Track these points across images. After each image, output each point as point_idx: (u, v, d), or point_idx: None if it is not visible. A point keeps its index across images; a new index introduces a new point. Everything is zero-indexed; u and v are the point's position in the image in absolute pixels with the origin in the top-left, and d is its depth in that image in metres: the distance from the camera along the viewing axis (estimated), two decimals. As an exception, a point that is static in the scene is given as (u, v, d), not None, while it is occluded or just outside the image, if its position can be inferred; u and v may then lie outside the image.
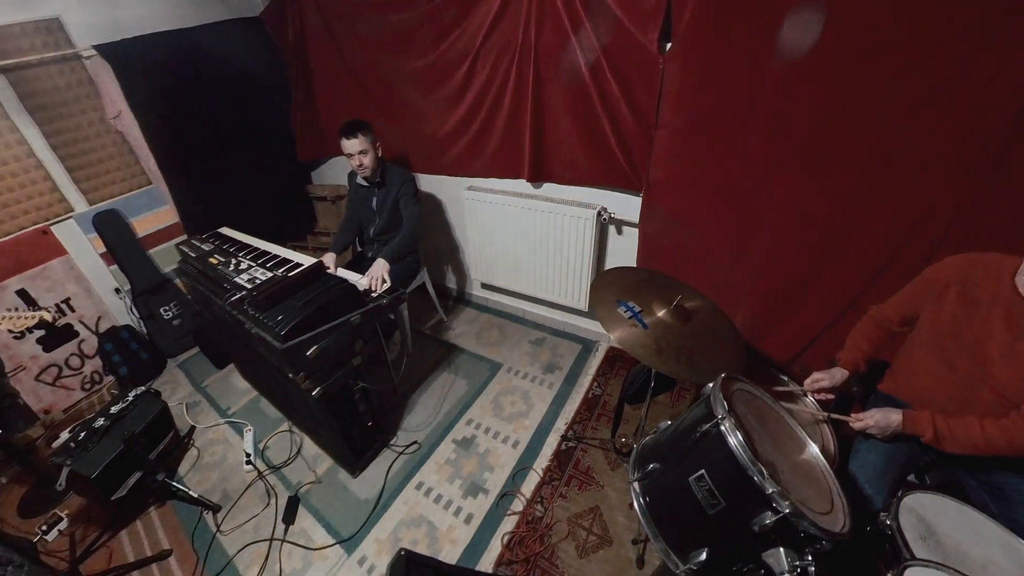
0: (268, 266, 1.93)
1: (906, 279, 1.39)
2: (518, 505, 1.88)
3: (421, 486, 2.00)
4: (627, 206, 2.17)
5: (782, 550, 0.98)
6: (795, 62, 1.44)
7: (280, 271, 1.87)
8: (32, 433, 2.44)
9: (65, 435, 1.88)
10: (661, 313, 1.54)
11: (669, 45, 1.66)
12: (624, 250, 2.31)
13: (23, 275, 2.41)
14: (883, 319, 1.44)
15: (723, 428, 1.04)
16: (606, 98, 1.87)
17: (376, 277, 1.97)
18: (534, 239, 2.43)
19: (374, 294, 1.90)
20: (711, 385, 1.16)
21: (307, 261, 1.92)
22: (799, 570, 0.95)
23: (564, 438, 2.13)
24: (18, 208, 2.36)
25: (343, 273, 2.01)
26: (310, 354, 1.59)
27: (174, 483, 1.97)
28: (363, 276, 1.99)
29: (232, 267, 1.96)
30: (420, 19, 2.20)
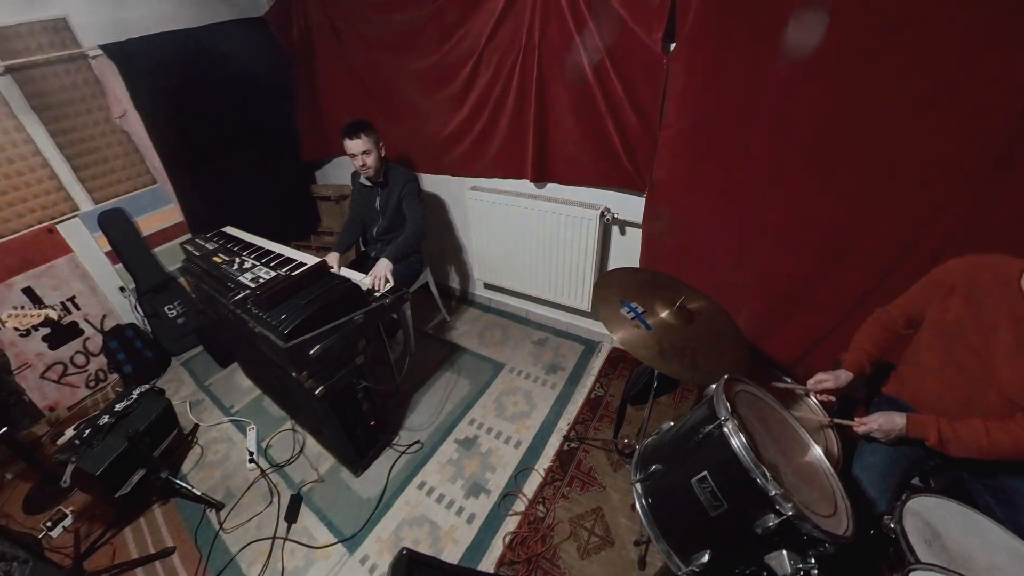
0: (272, 265, 1.94)
1: (911, 280, 1.38)
2: (520, 505, 1.88)
3: (423, 486, 2.01)
4: (630, 206, 2.16)
5: (785, 553, 0.97)
6: (799, 63, 1.44)
7: (284, 270, 1.87)
8: (37, 430, 2.46)
9: (70, 432, 1.90)
10: (664, 314, 1.54)
11: (673, 45, 1.65)
12: (627, 251, 2.31)
13: (29, 273, 2.42)
14: (888, 321, 1.43)
15: (726, 430, 1.03)
16: (610, 98, 1.87)
17: (379, 277, 1.98)
18: (537, 239, 2.43)
19: (377, 293, 1.91)
20: (714, 386, 1.16)
21: (310, 260, 1.92)
22: (802, 573, 0.95)
23: (566, 439, 2.13)
24: (24, 207, 2.38)
25: (346, 272, 2.01)
26: (313, 353, 1.59)
27: (177, 481, 1.98)
28: (366, 276, 2.00)
29: (236, 266, 1.97)
30: (424, 19, 2.21)
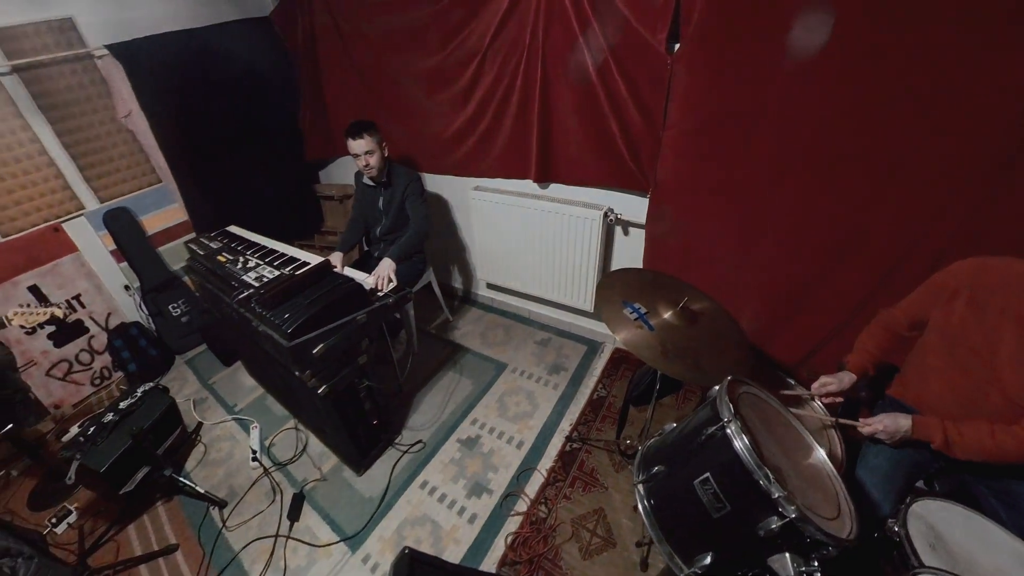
0: (275, 264, 1.95)
1: (915, 281, 1.37)
2: (522, 506, 1.88)
3: (425, 485, 2.01)
4: (634, 207, 2.16)
5: (788, 555, 0.97)
6: (803, 63, 1.44)
7: (287, 270, 1.88)
8: (42, 427, 2.47)
9: (75, 430, 1.90)
10: (667, 315, 1.54)
11: (677, 46, 1.65)
12: (630, 251, 2.30)
13: (35, 271, 2.44)
14: (892, 323, 1.42)
15: (729, 431, 1.03)
16: (614, 98, 1.86)
17: (382, 276, 1.98)
18: (540, 239, 2.43)
19: (380, 293, 1.91)
20: (717, 388, 1.16)
21: (314, 260, 1.93)
22: (805, 576, 0.94)
23: (569, 439, 2.13)
24: (30, 205, 2.39)
25: (349, 272, 2.01)
26: (316, 352, 1.60)
27: (181, 478, 1.99)
28: (369, 275, 2.00)
29: (240, 265, 1.97)
30: (428, 19, 2.21)
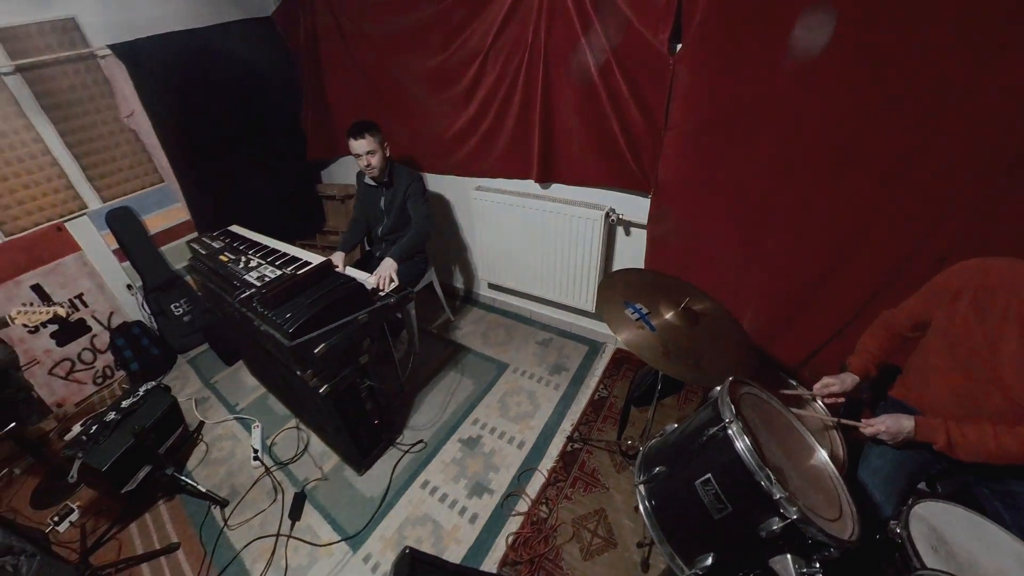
0: (277, 264, 1.95)
1: (918, 282, 1.37)
2: (523, 506, 1.88)
3: (426, 485, 2.01)
4: (635, 207, 2.16)
5: (789, 557, 0.97)
6: (807, 64, 1.43)
7: (289, 269, 1.88)
8: (45, 426, 2.48)
9: (77, 428, 1.91)
10: (669, 315, 1.53)
11: (679, 46, 1.65)
12: (632, 251, 2.30)
13: (38, 270, 2.45)
14: (894, 324, 1.42)
15: (730, 432, 1.03)
16: (615, 99, 1.86)
17: (384, 276, 1.98)
18: (542, 240, 2.43)
19: (382, 293, 1.91)
20: (718, 388, 1.15)
21: (316, 260, 1.94)
22: (806, 577, 0.94)
23: (570, 439, 2.13)
24: (33, 205, 2.40)
25: (351, 272, 2.02)
26: (318, 352, 1.60)
27: (183, 477, 2.00)
28: (371, 275, 2.00)
29: (242, 265, 1.98)
30: (430, 19, 2.21)
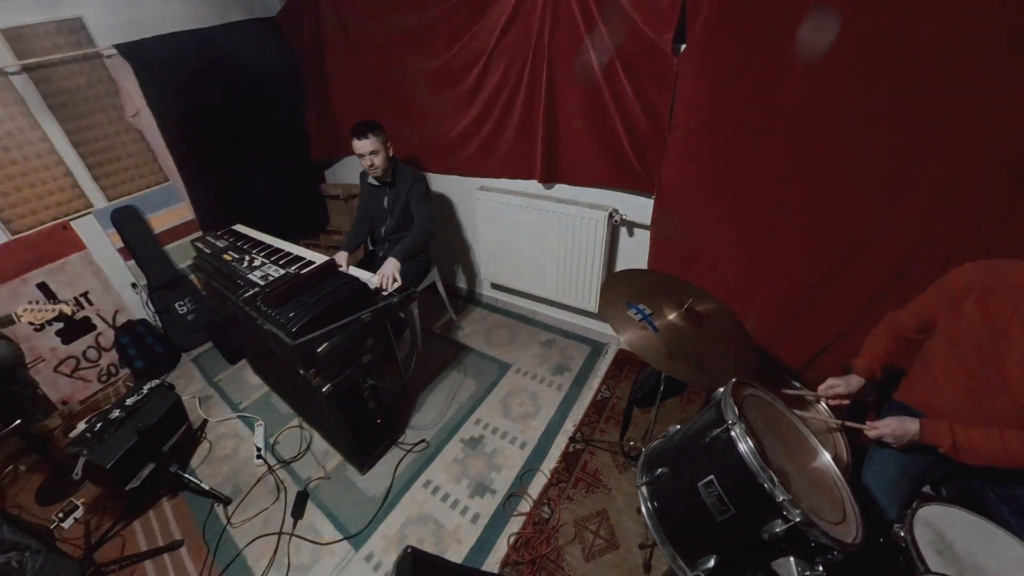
0: (281, 263, 1.96)
1: (924, 284, 1.36)
2: (525, 506, 1.88)
3: (428, 484, 2.01)
4: (639, 208, 2.15)
5: (792, 560, 0.97)
6: (813, 64, 1.42)
7: (292, 268, 1.89)
8: (50, 423, 2.49)
9: (82, 426, 1.92)
10: (672, 316, 1.53)
11: (684, 46, 1.64)
12: (635, 252, 2.30)
13: (44, 269, 2.46)
14: (900, 325, 1.41)
15: (733, 434, 1.03)
16: (619, 99, 1.86)
17: (387, 276, 1.98)
18: (545, 240, 2.43)
19: (385, 292, 1.91)
20: (722, 390, 1.15)
21: (319, 259, 1.94)
22: (810, 580, 0.94)
23: (572, 440, 2.13)
24: (39, 203, 2.42)
25: (354, 271, 2.02)
26: (321, 351, 1.60)
27: (186, 475, 2.01)
28: (374, 274, 2.01)
29: (246, 264, 1.98)
30: (435, 20, 2.21)
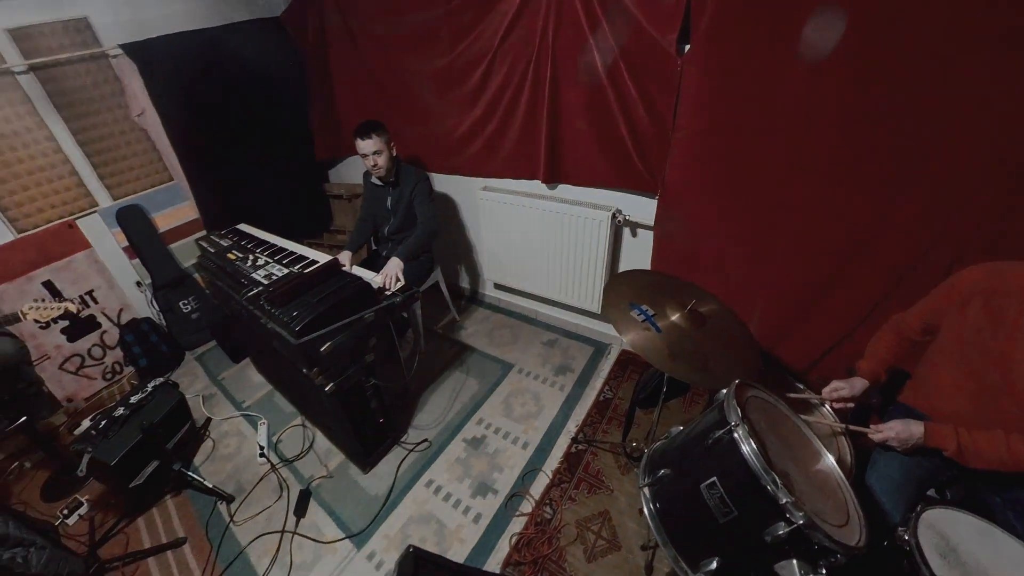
0: (284, 263, 1.96)
1: (930, 286, 1.35)
2: (527, 506, 1.88)
3: (431, 484, 2.01)
4: (642, 208, 2.15)
5: (795, 562, 0.96)
6: (818, 65, 1.42)
7: (296, 268, 1.89)
8: (55, 420, 2.51)
9: (87, 423, 1.93)
10: (675, 317, 1.53)
11: (688, 47, 1.64)
12: (638, 253, 2.29)
13: (49, 267, 2.48)
14: (904, 328, 1.40)
15: (736, 435, 1.02)
16: (623, 100, 1.86)
17: (390, 275, 1.99)
18: (548, 240, 2.43)
19: (388, 292, 1.92)
20: (725, 391, 1.15)
21: (323, 258, 1.94)
22: (812, 583, 0.94)
23: (574, 440, 2.12)
24: (45, 202, 2.43)
25: (358, 271, 2.03)
26: (324, 350, 1.60)
27: (190, 473, 2.02)
28: (377, 274, 2.01)
29: (249, 263, 1.99)
30: (439, 20, 2.21)
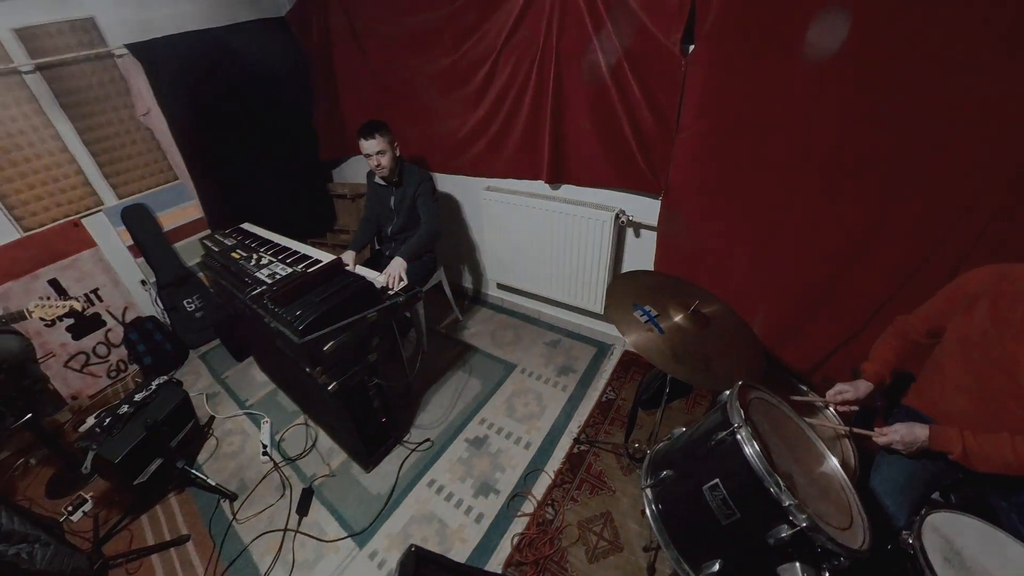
0: (288, 262, 1.97)
1: (934, 288, 1.34)
2: (529, 507, 1.88)
3: (433, 483, 2.02)
4: (646, 209, 2.14)
5: (798, 565, 0.96)
6: (822, 66, 1.41)
7: (300, 267, 1.90)
8: (60, 417, 2.52)
9: (91, 420, 1.95)
10: (678, 318, 1.52)
11: (692, 47, 1.63)
12: (641, 253, 2.29)
13: (55, 265, 2.49)
14: (909, 330, 1.39)
15: (739, 437, 1.02)
16: (627, 100, 1.85)
17: (393, 275, 1.99)
18: (551, 240, 2.43)
19: (391, 292, 1.92)
20: (728, 392, 1.15)
21: (326, 258, 1.95)
22: (816, 586, 0.93)
23: (577, 441, 2.12)
24: (51, 201, 2.45)
25: (361, 270, 2.03)
26: (327, 349, 1.61)
27: (193, 471, 2.02)
28: (381, 274, 2.01)
29: (253, 262, 2.00)
30: (442, 20, 2.21)
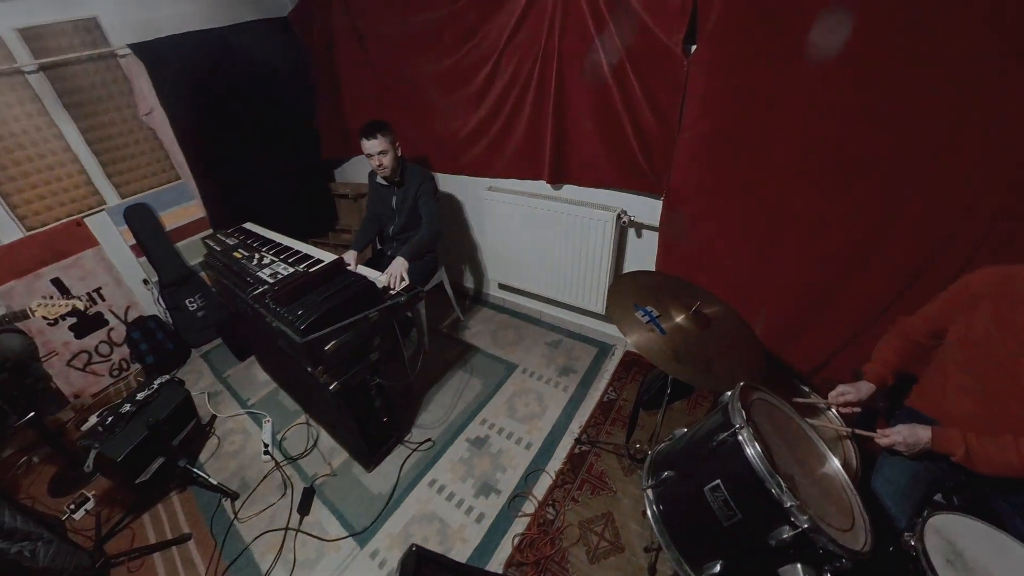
0: (290, 261, 1.97)
1: (937, 289, 1.34)
2: (530, 507, 1.88)
3: (434, 483, 2.02)
4: (647, 209, 2.14)
5: (800, 566, 0.96)
6: (824, 66, 1.41)
7: (301, 267, 1.90)
8: (63, 416, 2.54)
9: (93, 419, 1.95)
10: (680, 318, 1.52)
11: (694, 47, 1.63)
12: (643, 254, 2.29)
13: (58, 264, 2.50)
14: (911, 332, 1.39)
15: (741, 438, 1.02)
16: (629, 100, 1.85)
17: (395, 275, 1.99)
18: (553, 241, 2.42)
19: (392, 291, 1.92)
20: (729, 393, 1.14)
21: (328, 257, 1.95)
22: (817, 587, 0.93)
23: (578, 441, 2.12)
24: (54, 200, 2.46)
25: (363, 270, 2.03)
26: (328, 349, 1.61)
27: (195, 470, 2.03)
28: (382, 273, 2.01)
29: (255, 262, 2.00)
30: (444, 20, 2.22)
